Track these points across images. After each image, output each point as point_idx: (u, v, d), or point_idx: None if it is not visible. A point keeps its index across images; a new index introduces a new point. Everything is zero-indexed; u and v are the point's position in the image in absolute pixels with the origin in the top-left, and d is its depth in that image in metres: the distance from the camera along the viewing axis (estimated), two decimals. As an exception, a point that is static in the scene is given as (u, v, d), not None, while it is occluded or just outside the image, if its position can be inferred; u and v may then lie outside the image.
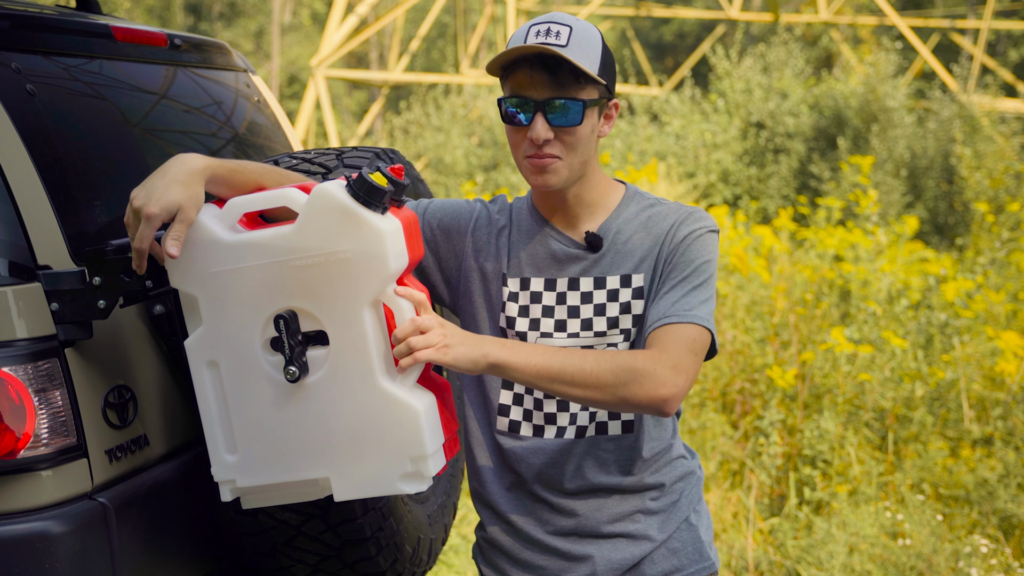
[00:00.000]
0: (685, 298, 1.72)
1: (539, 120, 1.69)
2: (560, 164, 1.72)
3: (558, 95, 1.68)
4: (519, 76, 1.70)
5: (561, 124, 1.69)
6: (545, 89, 1.68)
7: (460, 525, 4.27)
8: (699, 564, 1.87)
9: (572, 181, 1.76)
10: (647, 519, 1.85)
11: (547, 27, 1.68)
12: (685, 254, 1.75)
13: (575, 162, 1.73)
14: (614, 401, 1.65)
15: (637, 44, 22.68)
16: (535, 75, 1.68)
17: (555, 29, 1.68)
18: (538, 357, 1.62)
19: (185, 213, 1.63)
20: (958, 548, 3.67)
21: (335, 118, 23.15)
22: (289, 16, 30.81)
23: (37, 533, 1.64)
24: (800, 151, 11.08)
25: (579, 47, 1.68)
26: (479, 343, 1.61)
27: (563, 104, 1.68)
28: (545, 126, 1.69)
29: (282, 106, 5.77)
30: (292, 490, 1.77)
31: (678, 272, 1.75)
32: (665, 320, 1.70)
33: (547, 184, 1.74)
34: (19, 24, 1.95)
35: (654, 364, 1.63)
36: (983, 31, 15.16)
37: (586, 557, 1.84)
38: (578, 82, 1.68)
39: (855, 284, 5.77)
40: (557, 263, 1.83)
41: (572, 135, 1.70)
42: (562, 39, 1.67)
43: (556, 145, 1.71)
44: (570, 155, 1.72)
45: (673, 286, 1.74)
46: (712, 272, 1.76)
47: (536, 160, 1.72)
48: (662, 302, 1.73)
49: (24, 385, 1.66)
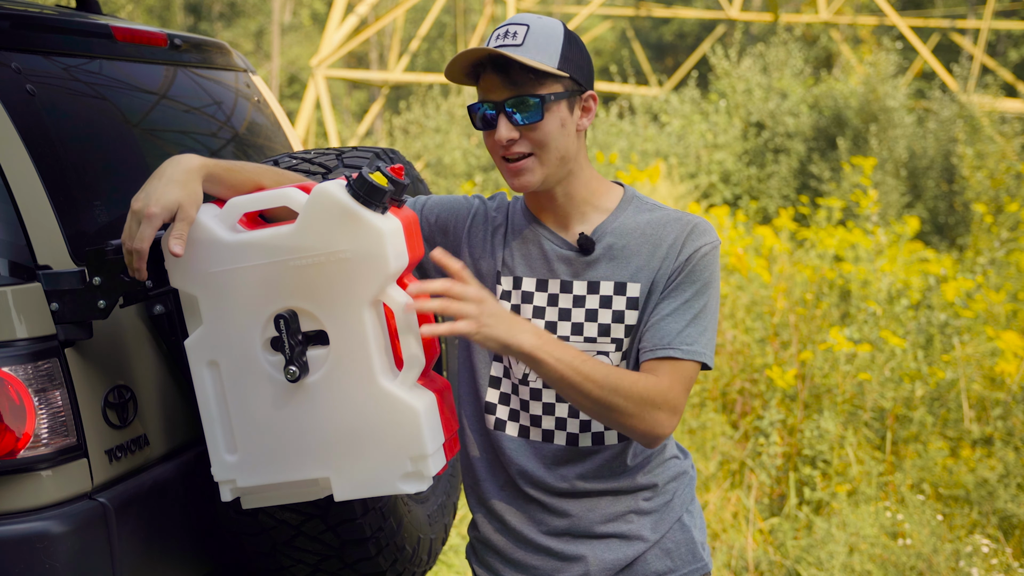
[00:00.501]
0: (689, 329, 1.73)
1: (501, 120, 1.71)
2: (532, 162, 1.73)
3: (515, 94, 1.70)
4: (482, 82, 1.74)
5: (522, 122, 1.70)
6: (503, 90, 1.70)
7: (460, 525, 4.27)
8: (692, 565, 1.87)
9: (554, 179, 1.76)
10: (640, 519, 1.85)
11: (505, 30, 1.72)
12: (691, 274, 1.75)
13: (550, 158, 1.73)
14: (613, 421, 1.68)
15: (637, 44, 22.68)
16: (492, 78, 1.71)
17: (512, 30, 1.71)
18: (568, 359, 1.62)
19: (185, 211, 1.63)
20: (958, 548, 3.67)
21: (335, 118, 23.16)
22: (289, 16, 30.81)
23: (37, 533, 1.64)
24: (800, 151, 11.08)
25: (535, 44, 1.69)
26: (514, 328, 1.58)
27: (520, 102, 1.70)
28: (508, 125, 1.71)
29: (282, 106, 5.77)
30: (292, 490, 1.77)
31: (682, 293, 1.75)
32: (668, 352, 1.71)
33: (525, 184, 1.75)
34: (19, 24, 1.95)
35: (663, 403, 1.67)
36: (983, 31, 15.17)
37: (579, 557, 1.84)
38: (536, 78, 1.70)
39: (855, 284, 5.77)
40: (548, 263, 1.82)
41: (536, 131, 1.71)
42: (518, 39, 1.70)
43: (524, 143, 1.72)
44: (541, 152, 1.73)
45: (676, 308, 1.74)
46: (715, 293, 1.78)
47: (509, 163, 1.74)
48: (665, 326, 1.73)
49: (24, 385, 1.66)
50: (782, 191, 10.95)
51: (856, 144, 10.91)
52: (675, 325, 1.73)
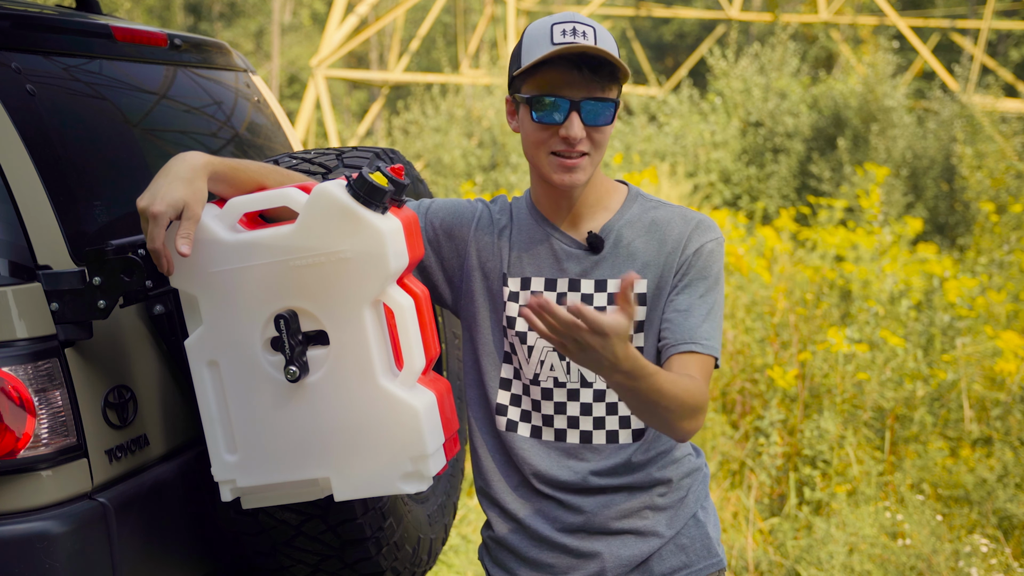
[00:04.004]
0: (705, 324, 1.74)
1: (575, 119, 1.68)
2: (587, 161, 1.74)
3: (594, 95, 1.68)
4: (550, 75, 1.68)
5: (596, 123, 1.70)
6: (581, 88, 1.68)
7: (460, 525, 4.27)
8: (707, 560, 1.87)
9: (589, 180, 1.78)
10: (655, 515, 1.85)
11: (572, 27, 1.68)
12: (702, 269, 1.77)
13: (598, 160, 1.75)
14: (657, 423, 1.64)
15: (637, 44, 22.66)
16: (570, 74, 1.67)
17: (580, 29, 1.68)
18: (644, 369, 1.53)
19: (191, 209, 1.63)
20: (958, 548, 3.67)
21: (335, 118, 23.15)
22: (289, 16, 30.81)
23: (37, 533, 1.64)
24: (799, 151, 11.07)
25: (608, 46, 1.68)
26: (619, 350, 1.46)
27: (599, 103, 1.69)
28: (580, 124, 1.69)
29: (282, 106, 5.77)
30: (292, 490, 1.77)
31: (695, 288, 1.77)
32: (692, 347, 1.72)
33: (575, 182, 1.73)
34: (19, 24, 1.95)
35: (702, 402, 1.65)
36: (983, 31, 15.16)
37: (595, 554, 1.84)
38: (613, 81, 1.70)
39: (856, 284, 5.76)
40: (558, 263, 1.83)
41: (602, 134, 1.72)
42: (589, 39, 1.67)
43: (586, 143, 1.72)
44: (596, 153, 1.74)
45: (693, 303, 1.76)
46: (722, 289, 1.80)
47: (566, 159, 1.72)
48: (685, 321, 1.74)
49: (24, 385, 1.66)
50: (782, 191, 10.94)
51: (856, 144, 10.90)
52: (694, 320, 1.74)
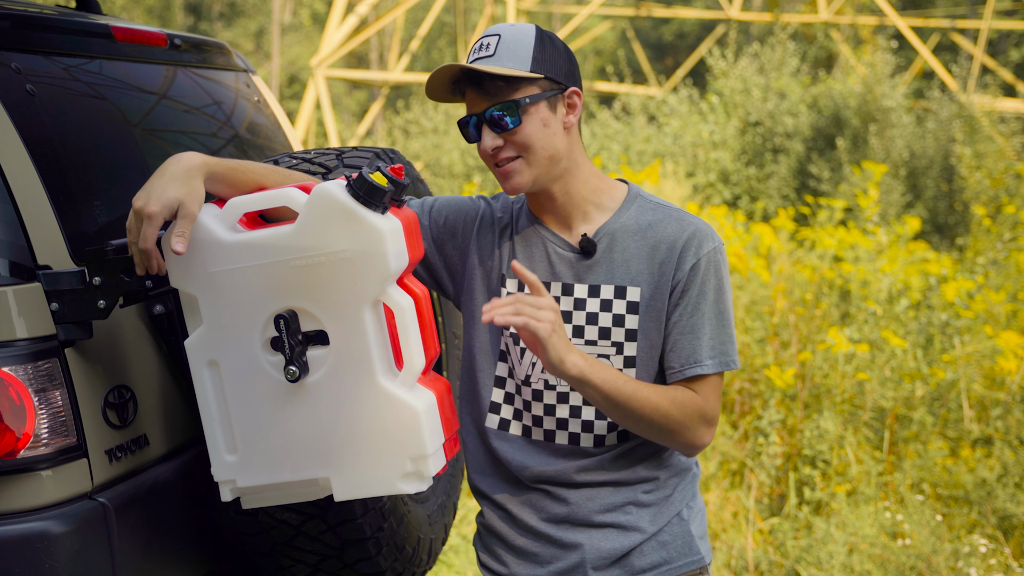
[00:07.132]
0: (712, 340, 1.77)
1: (484, 132, 1.75)
2: (520, 164, 1.75)
3: (491, 104, 1.73)
4: (468, 96, 1.77)
5: (504, 129, 1.73)
6: (481, 101, 1.74)
7: (460, 525, 4.27)
8: (688, 558, 1.87)
9: (548, 178, 1.78)
10: (639, 511, 1.86)
11: (480, 43, 1.77)
12: (701, 284, 1.78)
13: (537, 159, 1.75)
14: (656, 437, 1.76)
15: (637, 44, 22.66)
16: (470, 92, 1.76)
17: (486, 42, 1.76)
18: (612, 379, 1.69)
19: (187, 209, 1.62)
20: (957, 548, 3.67)
21: (335, 118, 23.15)
22: (289, 16, 30.80)
23: (37, 533, 1.64)
24: (799, 151, 11.07)
25: (506, 52, 1.73)
26: (568, 349, 1.64)
27: (497, 110, 1.73)
28: (490, 135, 1.74)
29: (282, 106, 5.77)
30: (292, 490, 1.77)
31: (696, 304, 1.78)
32: (697, 370, 1.77)
33: (516, 186, 1.77)
34: (19, 24, 1.95)
35: (703, 418, 1.76)
36: (983, 31, 15.16)
37: (576, 545, 1.85)
38: (508, 85, 1.72)
39: (855, 284, 5.76)
40: (551, 266, 1.83)
41: (518, 135, 1.74)
42: (491, 50, 1.74)
43: (509, 148, 1.75)
44: (528, 153, 1.75)
45: (696, 322, 1.78)
46: (727, 294, 1.81)
47: (499, 168, 1.77)
48: (689, 343, 1.77)
49: (24, 385, 1.66)
50: (781, 191, 10.94)
51: (855, 144, 10.90)
52: (698, 340, 1.77)
